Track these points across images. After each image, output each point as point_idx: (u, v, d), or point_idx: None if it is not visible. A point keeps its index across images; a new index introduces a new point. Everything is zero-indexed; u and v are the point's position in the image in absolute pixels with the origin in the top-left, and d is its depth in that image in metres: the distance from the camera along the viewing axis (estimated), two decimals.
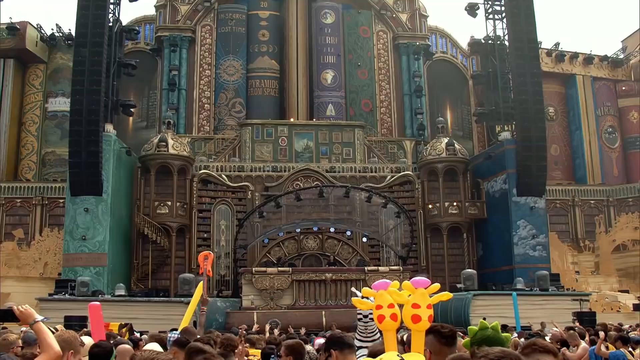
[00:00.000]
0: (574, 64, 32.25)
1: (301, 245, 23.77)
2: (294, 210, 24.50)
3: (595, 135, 31.59)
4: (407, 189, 25.73)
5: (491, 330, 2.86)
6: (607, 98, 32.41)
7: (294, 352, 3.83)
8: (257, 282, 19.51)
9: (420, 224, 25.15)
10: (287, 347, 3.87)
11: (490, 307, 17.93)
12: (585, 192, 29.78)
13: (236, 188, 24.93)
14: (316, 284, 19.54)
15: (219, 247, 24.46)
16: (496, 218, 24.45)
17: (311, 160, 26.09)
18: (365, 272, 19.93)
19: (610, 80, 32.67)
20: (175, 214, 23.51)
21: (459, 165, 25.29)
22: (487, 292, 19.57)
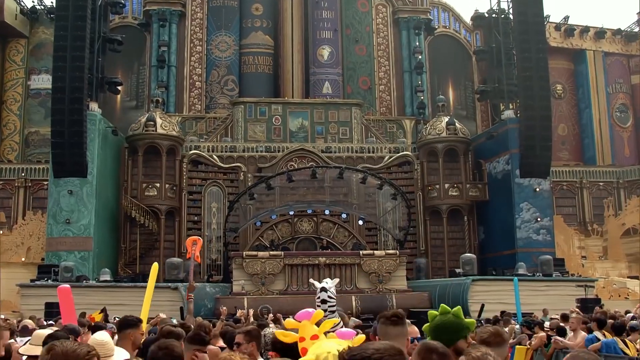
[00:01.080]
0: (584, 39, 31.68)
1: (295, 229, 23.65)
2: (288, 192, 24.36)
3: (605, 113, 31.11)
4: (406, 170, 25.60)
5: (452, 316, 2.82)
6: (620, 74, 31.88)
7: (255, 338, 3.80)
8: (247, 266, 19.43)
9: (420, 206, 25.00)
10: (246, 334, 3.85)
11: (490, 292, 17.88)
12: (593, 173, 29.44)
13: (228, 169, 24.86)
14: (309, 268, 19.44)
15: (210, 230, 24.41)
16: (498, 200, 24.25)
17: (306, 140, 25.93)
18: (360, 256, 19.85)
19: (623, 56, 32.07)
20: (164, 196, 23.41)
21: (459, 146, 25.07)
22: (486, 277, 19.52)
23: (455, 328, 2.79)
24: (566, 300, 16.67)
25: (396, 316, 2.88)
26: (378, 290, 19.21)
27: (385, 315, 2.89)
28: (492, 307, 16.03)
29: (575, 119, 31.65)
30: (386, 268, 19.57)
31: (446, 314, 2.83)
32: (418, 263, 22.75)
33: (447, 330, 2.77)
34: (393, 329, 2.83)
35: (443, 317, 2.83)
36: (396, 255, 19.90)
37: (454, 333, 2.77)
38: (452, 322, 2.80)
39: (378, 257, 19.74)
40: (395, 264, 19.66)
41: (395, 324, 2.85)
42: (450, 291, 18.49)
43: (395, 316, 2.88)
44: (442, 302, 15.16)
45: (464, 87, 30.32)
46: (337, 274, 19.43)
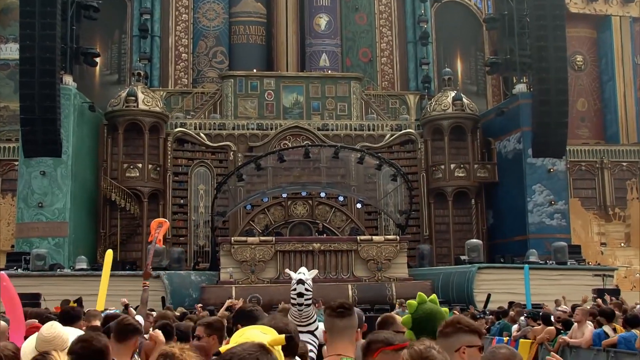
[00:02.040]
0: (610, 3, 30.90)
1: (289, 212, 23.61)
2: (280, 173, 24.25)
3: (631, 86, 30.50)
4: (409, 150, 25.45)
5: (431, 304, 2.88)
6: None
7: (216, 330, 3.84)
8: (236, 253, 19.37)
9: (423, 188, 24.80)
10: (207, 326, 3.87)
11: (498, 282, 17.74)
12: (616, 152, 29.01)
13: (216, 148, 24.68)
14: (303, 255, 19.45)
15: (197, 214, 24.35)
16: (509, 182, 24.06)
17: (301, 117, 25.72)
18: (357, 242, 19.82)
19: None
20: (147, 178, 23.26)
21: (467, 123, 24.79)
22: (493, 264, 19.42)
23: (436, 316, 2.81)
24: (582, 291, 16.27)
25: (342, 307, 2.88)
26: (377, 278, 19.18)
27: (331, 307, 2.89)
28: (500, 297, 15.92)
29: (596, 93, 31.05)
30: (385, 255, 19.52)
31: (425, 303, 2.86)
32: (421, 250, 22.55)
33: (430, 320, 2.79)
34: (339, 321, 2.83)
35: (423, 306, 2.84)
36: (396, 241, 19.86)
37: (436, 322, 2.76)
38: (434, 311, 2.84)
39: (377, 243, 19.72)
40: (396, 251, 19.62)
41: (341, 315, 2.84)
42: (454, 280, 18.40)
43: (341, 307, 2.87)
44: (445, 291, 15.24)
45: (475, 59, 29.97)
46: (333, 261, 19.55)
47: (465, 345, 2.43)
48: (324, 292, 17.02)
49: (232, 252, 19.30)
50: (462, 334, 2.46)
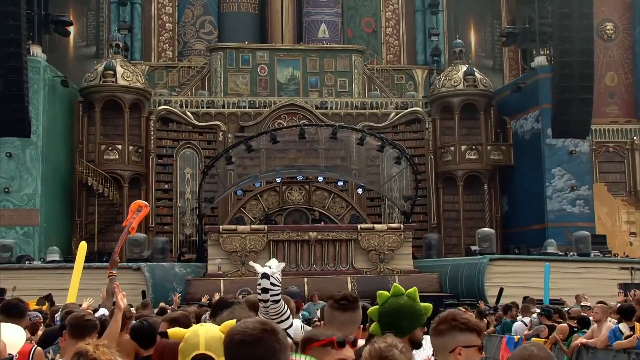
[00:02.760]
0: None
1: (283, 198, 23.51)
2: (275, 156, 24.29)
3: None
4: (415, 129, 25.37)
5: (406, 298, 2.85)
6: None
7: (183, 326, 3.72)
8: (225, 243, 19.34)
9: (431, 172, 24.69)
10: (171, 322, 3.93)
11: (511, 274, 17.64)
12: None
13: (204, 128, 24.62)
14: (298, 245, 19.47)
15: (184, 200, 24.29)
16: (526, 165, 23.96)
17: (297, 93, 25.62)
18: (357, 230, 19.73)
19: None
20: (128, 160, 23.15)
21: (479, 100, 24.58)
22: (507, 256, 19.33)
23: (410, 313, 2.79)
24: (606, 285, 16.39)
25: (346, 299, 2.92)
26: (378, 270, 19.16)
27: (334, 298, 2.95)
28: (513, 291, 15.78)
29: (628, 66, 30.33)
30: (388, 245, 19.46)
31: (400, 296, 2.83)
32: (428, 239, 22.45)
33: (400, 316, 2.77)
34: (340, 314, 2.87)
35: (396, 299, 2.81)
36: (400, 230, 19.76)
37: (409, 320, 2.78)
38: (408, 307, 2.80)
39: (379, 231, 19.64)
40: (400, 240, 19.57)
41: (343, 308, 2.88)
42: (463, 272, 18.26)
43: (345, 299, 2.91)
44: (453, 285, 15.07)
45: (490, 29, 29.65)
46: (331, 252, 19.55)
47: (461, 345, 2.40)
48: (320, 285, 17.36)
49: (220, 241, 19.25)
50: (457, 332, 2.42)
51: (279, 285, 3.82)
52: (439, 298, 16.98)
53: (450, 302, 16.00)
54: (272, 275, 3.81)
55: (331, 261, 19.36)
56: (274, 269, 3.86)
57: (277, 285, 3.83)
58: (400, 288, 2.88)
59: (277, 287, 3.82)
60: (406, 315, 2.78)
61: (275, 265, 3.94)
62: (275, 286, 3.80)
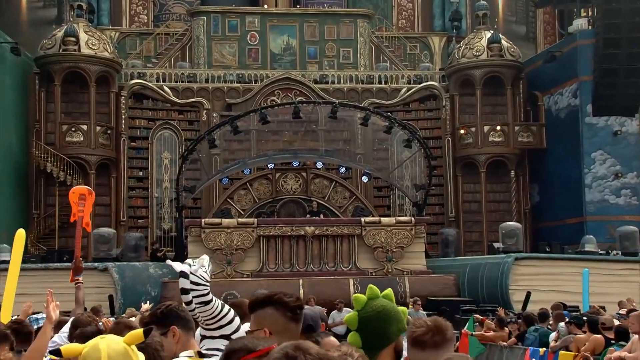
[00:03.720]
0: None
1: (277, 188, 23.60)
2: (267, 138, 24.47)
3: None
4: (431, 107, 25.33)
5: (385, 300, 2.89)
6: None
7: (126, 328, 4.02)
8: (208, 239, 19.34)
9: (448, 156, 24.73)
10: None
11: (541, 276, 17.48)
12: None
13: (185, 106, 24.68)
14: (292, 241, 19.48)
15: (161, 190, 24.35)
16: (561, 148, 23.97)
17: (294, 66, 25.72)
18: (361, 224, 19.67)
19: None
20: (95, 143, 23.07)
21: (506, 72, 24.54)
22: (536, 254, 19.19)
23: (396, 317, 2.82)
24: None
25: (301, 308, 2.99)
26: (386, 271, 19.19)
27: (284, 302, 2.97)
28: (543, 296, 15.69)
29: None
30: (397, 241, 19.42)
31: (376, 299, 2.86)
32: (445, 235, 22.51)
33: (387, 321, 2.79)
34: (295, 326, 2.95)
35: (374, 302, 2.85)
36: (411, 224, 19.68)
37: (396, 324, 2.80)
38: (392, 309, 2.84)
39: (386, 226, 19.58)
40: (410, 236, 19.51)
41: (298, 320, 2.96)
42: (484, 273, 18.11)
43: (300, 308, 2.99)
44: (473, 288, 14.87)
45: None
46: (331, 249, 19.55)
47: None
48: (318, 288, 17.61)
49: (202, 237, 19.23)
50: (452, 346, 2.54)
51: (204, 285, 3.83)
52: (456, 303, 17.03)
53: (469, 307, 15.97)
54: (193, 274, 3.84)
55: (331, 260, 19.37)
56: (195, 266, 3.91)
57: (202, 284, 3.84)
58: (375, 289, 2.89)
59: (202, 286, 3.84)
60: (393, 319, 2.80)
61: (198, 262, 3.98)
62: (199, 285, 3.81)
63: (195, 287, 3.78)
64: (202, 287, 3.85)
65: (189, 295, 3.84)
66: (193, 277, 3.85)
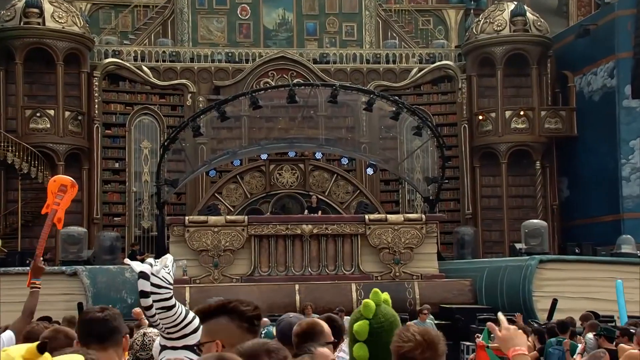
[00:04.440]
0: None
1: (271, 181, 23.75)
2: (260, 125, 24.63)
3: None
4: (445, 90, 25.37)
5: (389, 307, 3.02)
6: None
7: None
8: (192, 239, 19.32)
9: (465, 146, 24.81)
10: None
11: (570, 282, 17.35)
12: None
13: (167, 89, 24.80)
14: (288, 241, 19.48)
15: (140, 183, 24.47)
16: (594, 136, 24.03)
17: (290, 43, 25.88)
18: (365, 222, 19.59)
19: None
20: (64, 131, 23.06)
21: (532, 49, 24.54)
22: (563, 257, 19.18)
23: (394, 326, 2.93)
24: None
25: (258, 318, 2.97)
26: (393, 275, 19.12)
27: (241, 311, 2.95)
28: (572, 304, 15.57)
29: None
30: (406, 241, 19.34)
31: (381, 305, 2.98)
32: (460, 234, 22.59)
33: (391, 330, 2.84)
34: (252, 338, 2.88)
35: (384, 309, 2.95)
36: (421, 222, 19.56)
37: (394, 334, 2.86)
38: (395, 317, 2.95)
39: (393, 224, 19.46)
40: (421, 236, 19.44)
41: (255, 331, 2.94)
42: (504, 278, 18.01)
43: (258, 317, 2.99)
44: (491, 294, 14.72)
45: None
46: (331, 250, 19.58)
47: None
48: (317, 294, 17.80)
49: (186, 237, 19.20)
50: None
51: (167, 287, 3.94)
52: (472, 311, 17.07)
53: (486, 316, 15.83)
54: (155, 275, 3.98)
55: (331, 263, 19.37)
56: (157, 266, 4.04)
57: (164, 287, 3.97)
58: (380, 293, 2.99)
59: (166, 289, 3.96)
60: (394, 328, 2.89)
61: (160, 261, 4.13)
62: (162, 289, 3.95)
63: (156, 290, 3.94)
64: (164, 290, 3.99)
65: (149, 299, 3.99)
66: (154, 279, 3.99)
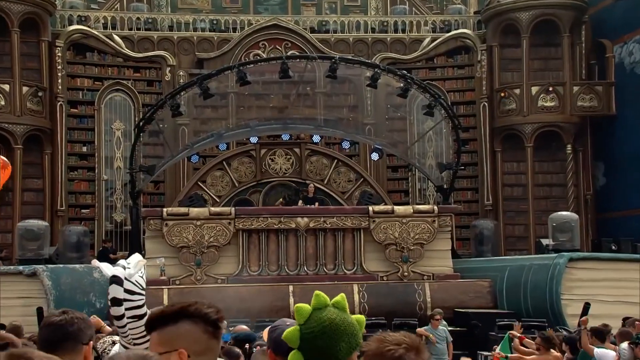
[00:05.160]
0: None
1: (262, 168, 23.96)
2: (250, 104, 24.70)
3: None
4: (462, 63, 25.46)
5: (335, 310, 2.98)
6: None
7: None
8: (171, 234, 19.42)
9: (484, 127, 24.79)
10: None
11: (604, 283, 17.37)
12: None
13: (142, 61, 24.96)
14: (281, 236, 19.66)
15: (112, 170, 24.55)
16: (635, 115, 24.06)
17: (284, 10, 26.59)
18: (369, 215, 19.70)
19: None
20: (21, 109, 23.21)
21: (563, 14, 24.56)
22: (597, 254, 19.07)
23: (347, 331, 2.93)
24: None
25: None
26: (401, 274, 19.32)
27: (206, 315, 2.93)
28: (606, 309, 15.64)
29: None
30: (416, 236, 19.50)
31: (325, 309, 2.97)
32: (479, 228, 22.62)
33: (335, 336, 2.89)
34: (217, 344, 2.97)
35: (323, 313, 2.95)
36: (433, 214, 19.69)
37: (347, 340, 2.90)
38: (342, 322, 2.94)
39: (402, 216, 19.67)
40: (433, 230, 19.58)
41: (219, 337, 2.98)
42: (529, 278, 18.03)
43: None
44: (514, 297, 16.17)
45: None
46: (330, 247, 19.77)
47: None
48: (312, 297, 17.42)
49: (164, 232, 19.31)
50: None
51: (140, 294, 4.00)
52: (491, 317, 17.19)
53: (507, 322, 15.89)
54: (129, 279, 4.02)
55: (330, 261, 19.50)
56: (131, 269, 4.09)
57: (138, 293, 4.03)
58: (325, 297, 2.97)
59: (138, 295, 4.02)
60: (342, 334, 2.88)
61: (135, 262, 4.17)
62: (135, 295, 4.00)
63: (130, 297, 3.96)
64: (138, 297, 4.05)
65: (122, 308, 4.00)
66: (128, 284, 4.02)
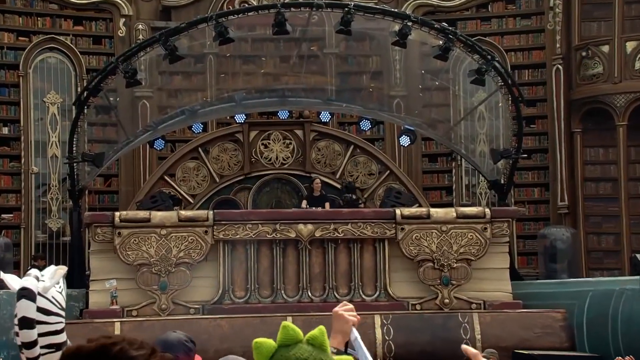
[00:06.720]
0: None
1: (251, 156, 24.39)
2: (235, 70, 25.86)
3: None
4: (527, 11, 26.36)
5: (308, 347, 3.34)
6: None
7: None
8: (126, 247, 19.80)
9: (558, 100, 25.20)
10: None
11: None
12: None
13: (87, 9, 26.04)
14: (277, 250, 20.05)
15: (45, 160, 25.18)
16: None
17: None
18: (396, 220, 19.96)
19: None
20: None
21: None
22: None
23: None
24: None
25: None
26: (440, 302, 19.62)
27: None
28: None
29: None
30: (460, 250, 19.80)
31: (294, 345, 3.30)
32: (551, 239, 23.15)
33: None
34: None
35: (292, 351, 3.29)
36: (485, 219, 19.95)
37: None
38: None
39: (440, 222, 19.98)
40: (484, 241, 19.84)
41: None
42: (619, 308, 18.10)
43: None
44: (597, 334, 16.07)
45: None
46: (342, 264, 20.21)
47: None
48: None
49: (116, 244, 19.66)
50: None
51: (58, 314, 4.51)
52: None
53: None
54: (43, 294, 4.51)
55: (343, 284, 19.85)
56: (47, 282, 4.59)
57: (55, 313, 4.55)
58: (296, 330, 3.27)
59: (55, 316, 4.54)
60: None
61: (51, 272, 4.71)
62: (51, 315, 4.51)
63: (44, 319, 4.43)
64: (55, 318, 4.23)
65: (34, 332, 4.46)
66: (42, 301, 4.52)
